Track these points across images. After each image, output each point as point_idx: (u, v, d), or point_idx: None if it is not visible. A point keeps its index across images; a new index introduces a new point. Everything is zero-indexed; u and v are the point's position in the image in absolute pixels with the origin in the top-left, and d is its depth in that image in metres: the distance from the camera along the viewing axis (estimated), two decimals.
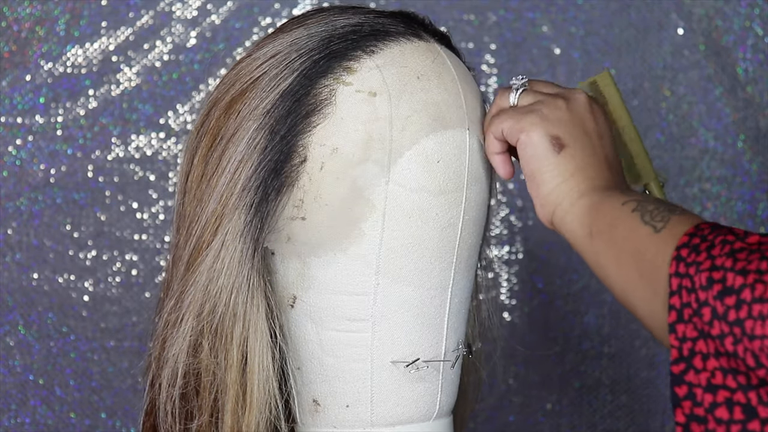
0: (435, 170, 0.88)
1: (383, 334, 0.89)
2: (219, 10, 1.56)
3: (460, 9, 1.57)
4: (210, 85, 1.56)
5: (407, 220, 0.88)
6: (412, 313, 0.89)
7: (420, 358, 0.90)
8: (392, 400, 0.90)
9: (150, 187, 1.56)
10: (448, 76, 0.90)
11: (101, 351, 1.56)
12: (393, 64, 0.89)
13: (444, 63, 0.91)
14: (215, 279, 0.87)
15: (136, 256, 1.56)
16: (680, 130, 1.57)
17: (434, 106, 0.89)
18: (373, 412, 0.90)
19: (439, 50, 0.92)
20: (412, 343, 0.90)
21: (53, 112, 1.56)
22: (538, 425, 1.59)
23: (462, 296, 0.92)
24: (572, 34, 1.56)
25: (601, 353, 1.58)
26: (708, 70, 1.56)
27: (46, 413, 1.56)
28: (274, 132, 0.87)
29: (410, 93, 0.88)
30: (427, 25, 0.94)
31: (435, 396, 0.92)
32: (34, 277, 1.56)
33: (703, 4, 1.55)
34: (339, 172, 0.87)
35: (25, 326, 1.56)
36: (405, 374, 0.90)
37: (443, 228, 0.89)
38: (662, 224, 0.79)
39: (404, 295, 0.89)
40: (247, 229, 0.87)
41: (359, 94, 0.87)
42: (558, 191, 0.86)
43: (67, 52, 1.56)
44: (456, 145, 0.89)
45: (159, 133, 1.56)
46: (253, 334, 0.87)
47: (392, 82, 0.88)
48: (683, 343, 0.75)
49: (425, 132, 0.88)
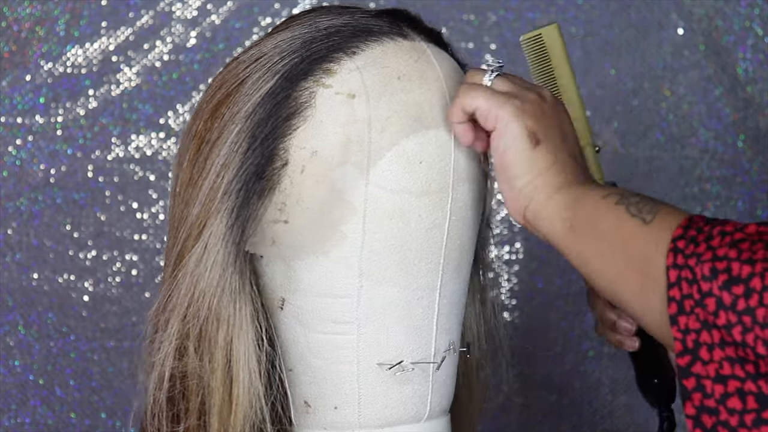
0: (417, 171, 0.87)
1: (368, 336, 0.89)
2: (219, 10, 1.56)
3: (460, 9, 1.57)
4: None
5: (389, 221, 0.87)
6: (398, 315, 0.89)
7: (405, 360, 0.89)
8: (380, 402, 0.90)
9: (150, 187, 1.56)
10: (431, 75, 0.89)
11: (101, 351, 1.56)
12: (373, 65, 0.88)
13: (428, 62, 0.90)
14: (198, 282, 0.87)
15: (136, 256, 1.56)
16: (680, 130, 1.57)
17: (415, 106, 0.88)
18: (360, 414, 0.90)
19: (426, 49, 0.91)
20: (398, 344, 0.89)
21: (53, 112, 1.56)
22: (538, 425, 1.59)
23: (454, 297, 0.91)
24: (572, 34, 1.56)
25: (601, 353, 1.58)
26: (708, 70, 1.56)
27: (46, 413, 1.56)
28: (255, 135, 0.87)
29: (390, 94, 0.87)
30: (418, 22, 0.93)
31: (425, 397, 0.91)
32: (34, 277, 1.56)
33: (703, 4, 1.55)
34: (319, 175, 0.87)
35: (25, 326, 1.56)
36: (392, 376, 0.89)
37: (428, 229, 0.88)
38: (651, 216, 0.79)
39: (389, 296, 0.88)
40: (228, 233, 0.87)
41: (338, 96, 0.87)
42: (532, 186, 0.85)
43: (67, 52, 1.56)
44: (439, 146, 0.88)
45: (159, 133, 1.56)
46: (237, 337, 0.87)
47: (372, 84, 0.87)
48: (687, 335, 0.75)
49: (405, 133, 0.87)
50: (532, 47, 0.98)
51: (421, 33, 0.93)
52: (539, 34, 0.97)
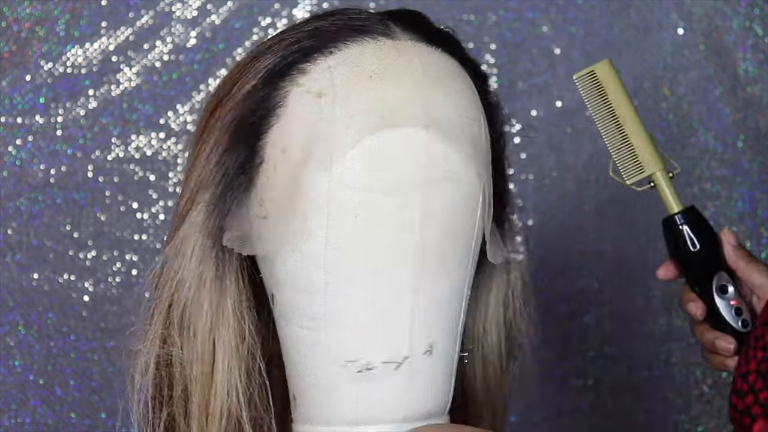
0: (382, 169, 0.87)
1: (335, 333, 0.89)
2: (219, 10, 1.56)
3: (460, 9, 1.57)
4: (210, 86, 1.56)
5: (353, 219, 0.87)
6: (366, 314, 0.88)
7: (373, 359, 0.89)
8: (354, 399, 0.89)
9: (150, 187, 1.57)
10: (409, 75, 0.88)
11: (101, 351, 1.56)
12: (346, 64, 0.88)
13: (408, 61, 0.89)
14: (179, 271, 0.90)
15: (136, 256, 1.56)
16: (680, 130, 1.57)
17: (383, 104, 0.87)
18: (338, 410, 0.90)
19: (411, 48, 0.90)
20: (366, 343, 0.89)
21: (53, 112, 1.56)
22: (538, 425, 1.59)
23: (436, 300, 0.89)
24: (572, 34, 1.56)
25: (601, 353, 1.58)
26: (708, 70, 1.56)
27: (47, 413, 1.56)
28: (236, 134, 0.89)
29: (359, 92, 0.87)
30: (417, 23, 0.92)
31: (401, 398, 0.89)
32: (34, 277, 1.56)
33: (703, 4, 1.55)
34: (287, 173, 0.88)
35: (25, 326, 1.56)
36: (363, 374, 0.89)
37: (397, 229, 0.87)
38: None
39: (356, 295, 0.88)
40: (205, 224, 0.89)
41: (308, 95, 0.88)
42: None
43: (67, 52, 1.56)
44: (409, 144, 0.87)
45: (159, 133, 1.56)
46: (218, 328, 0.89)
47: (341, 82, 0.88)
48: None
49: (371, 130, 0.87)
50: (587, 84, 1.01)
51: (419, 33, 0.92)
52: (592, 71, 0.99)
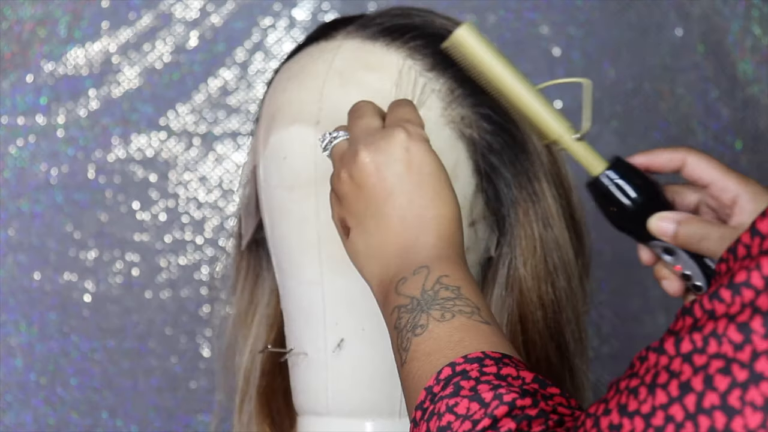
0: (282, 166, 0.90)
1: (285, 321, 0.94)
2: (219, 11, 1.57)
3: (460, 9, 1.57)
4: (210, 86, 1.57)
5: (271, 215, 0.92)
6: (294, 306, 0.92)
7: (296, 349, 0.92)
8: (296, 389, 0.93)
9: (151, 187, 1.57)
10: (315, 73, 0.90)
11: (102, 351, 1.57)
12: (282, 70, 0.94)
13: (323, 60, 0.91)
14: None
15: (137, 256, 1.57)
16: (679, 130, 1.57)
17: (290, 105, 0.91)
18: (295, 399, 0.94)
19: (336, 47, 0.91)
20: (293, 334, 0.92)
21: (54, 113, 1.56)
22: None
23: (346, 293, 0.89)
24: (572, 35, 1.56)
25: (601, 353, 1.58)
26: (707, 70, 1.56)
27: (48, 413, 1.57)
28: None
29: (272, 95, 0.93)
30: (365, 18, 0.93)
31: (321, 391, 0.90)
32: (36, 278, 1.56)
33: (702, 5, 1.55)
34: (251, 175, 0.96)
35: (26, 326, 1.57)
36: (294, 363, 0.92)
37: (299, 223, 0.90)
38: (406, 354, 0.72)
39: (287, 287, 0.92)
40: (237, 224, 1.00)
41: None
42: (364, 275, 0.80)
43: (68, 52, 1.56)
44: (301, 140, 0.89)
45: (160, 133, 1.57)
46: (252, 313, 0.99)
47: (272, 87, 0.94)
48: None
49: (273, 130, 0.91)
50: (456, 57, 0.85)
51: (365, 29, 0.92)
52: (451, 44, 0.83)
